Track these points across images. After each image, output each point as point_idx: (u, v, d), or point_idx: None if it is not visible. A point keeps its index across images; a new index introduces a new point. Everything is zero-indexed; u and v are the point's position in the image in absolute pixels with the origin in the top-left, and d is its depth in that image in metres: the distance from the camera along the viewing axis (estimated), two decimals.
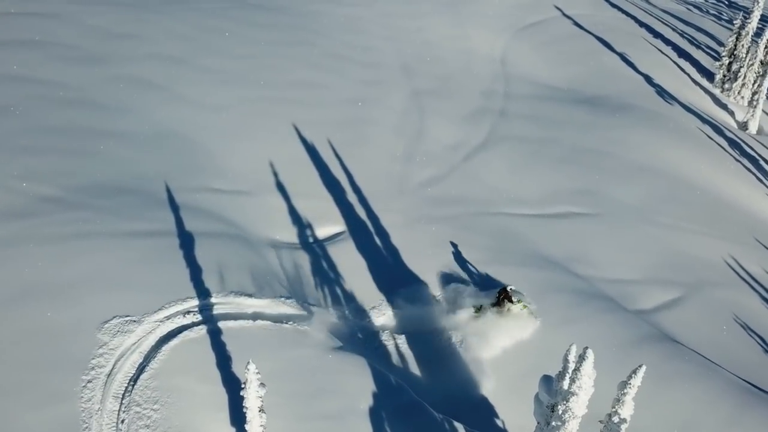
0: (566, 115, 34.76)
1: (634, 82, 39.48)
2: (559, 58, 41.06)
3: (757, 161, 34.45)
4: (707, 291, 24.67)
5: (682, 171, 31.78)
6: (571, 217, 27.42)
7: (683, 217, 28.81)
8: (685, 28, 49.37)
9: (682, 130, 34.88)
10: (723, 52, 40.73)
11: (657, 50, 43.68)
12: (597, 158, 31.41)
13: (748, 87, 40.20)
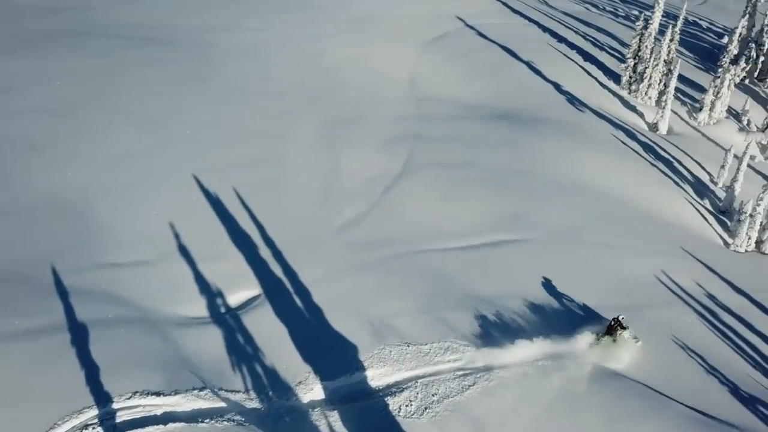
0: (482, 134, 33.80)
1: (545, 92, 39.01)
2: (468, 73, 40.20)
3: (672, 164, 34.37)
4: (645, 313, 23.87)
5: (603, 183, 31.23)
6: (501, 246, 26.26)
7: (611, 233, 28.12)
8: (587, 30, 49.60)
9: (597, 140, 34.50)
10: (627, 53, 40.79)
11: (563, 56, 43.49)
12: (519, 178, 30.49)
13: (654, 87, 40.38)
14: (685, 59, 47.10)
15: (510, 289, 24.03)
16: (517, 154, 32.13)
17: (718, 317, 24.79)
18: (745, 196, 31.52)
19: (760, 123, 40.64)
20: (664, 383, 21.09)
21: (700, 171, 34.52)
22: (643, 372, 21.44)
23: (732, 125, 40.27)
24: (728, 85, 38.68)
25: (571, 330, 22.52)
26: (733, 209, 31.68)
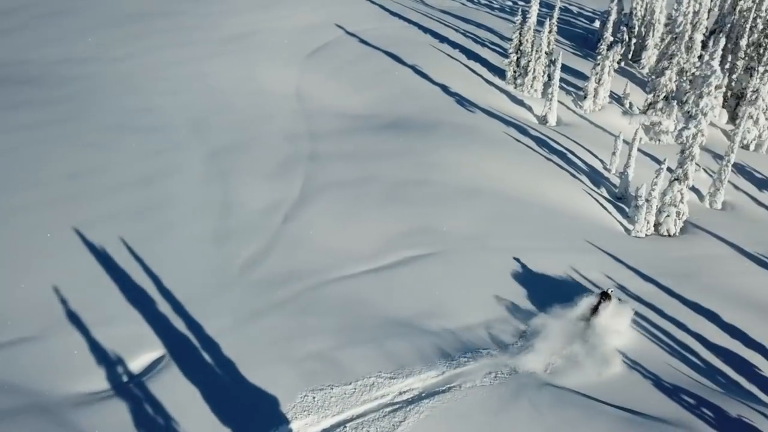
0: (378, 145, 32.98)
1: (434, 95, 38.68)
2: (355, 83, 39.30)
3: (566, 155, 34.81)
4: (563, 314, 23.78)
5: (504, 183, 31.14)
6: (412, 263, 25.42)
7: (518, 234, 27.97)
8: (467, 27, 49.83)
9: (492, 139, 34.45)
10: (509, 48, 41.06)
11: (447, 56, 43.36)
12: (421, 189, 29.83)
13: (539, 80, 40.91)
14: (563, 47, 48.14)
15: (427, 307, 23.28)
16: (416, 164, 31.49)
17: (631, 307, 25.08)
18: (638, 180, 32.33)
19: (641, 105, 41.99)
20: (590, 385, 21.02)
21: (593, 159, 35.17)
22: (565, 376, 21.30)
23: (616, 110, 41.46)
24: (608, 72, 39.66)
25: (492, 343, 22.11)
26: (629, 195, 32.37)
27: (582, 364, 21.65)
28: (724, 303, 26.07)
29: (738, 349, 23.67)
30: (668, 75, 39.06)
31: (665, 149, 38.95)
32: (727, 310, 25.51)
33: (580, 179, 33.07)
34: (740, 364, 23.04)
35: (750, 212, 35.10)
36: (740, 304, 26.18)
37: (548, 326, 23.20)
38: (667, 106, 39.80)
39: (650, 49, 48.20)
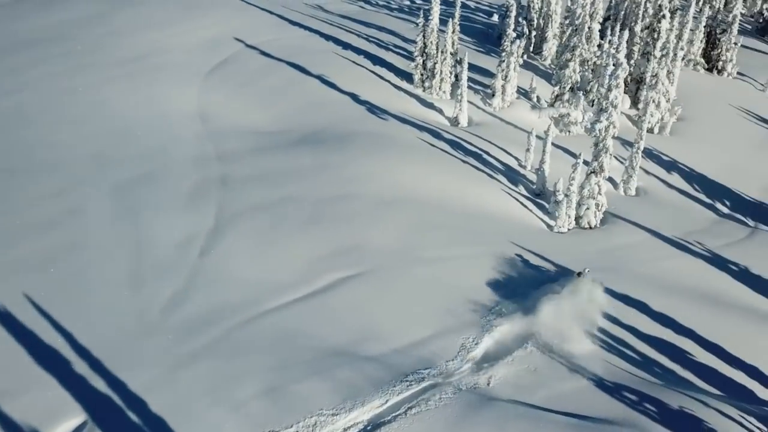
0: (292, 163, 31.84)
1: (344, 106, 37.83)
2: (261, 98, 37.96)
3: (481, 156, 34.66)
4: (496, 323, 23.46)
5: (425, 191, 30.65)
6: (341, 286, 24.49)
7: (444, 242, 27.51)
8: (368, 31, 49.19)
9: (407, 146, 33.91)
10: (415, 51, 40.61)
11: (352, 63, 42.58)
12: (341, 205, 28.93)
13: (447, 81, 40.69)
14: (466, 45, 48.20)
15: (364, 331, 22.50)
16: (334, 179, 30.57)
17: (563, 306, 24.99)
18: (554, 174, 32.48)
19: (548, 98, 42.48)
20: (535, 395, 20.75)
21: (508, 158, 35.18)
22: (509, 387, 20.99)
23: (525, 105, 41.74)
24: (514, 68, 39.86)
25: (434, 361, 21.55)
26: (548, 190, 32.51)
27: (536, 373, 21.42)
28: (651, 291, 26.42)
29: (670, 337, 23.96)
30: (572, 67, 39.64)
31: (576, 140, 39.51)
32: (655, 298, 25.85)
33: (497, 179, 32.97)
34: (673, 352, 23.32)
35: (663, 196, 36.05)
36: (666, 291, 26.59)
37: (490, 337, 23.03)
38: (574, 97, 40.42)
39: (550, 41, 48.97)
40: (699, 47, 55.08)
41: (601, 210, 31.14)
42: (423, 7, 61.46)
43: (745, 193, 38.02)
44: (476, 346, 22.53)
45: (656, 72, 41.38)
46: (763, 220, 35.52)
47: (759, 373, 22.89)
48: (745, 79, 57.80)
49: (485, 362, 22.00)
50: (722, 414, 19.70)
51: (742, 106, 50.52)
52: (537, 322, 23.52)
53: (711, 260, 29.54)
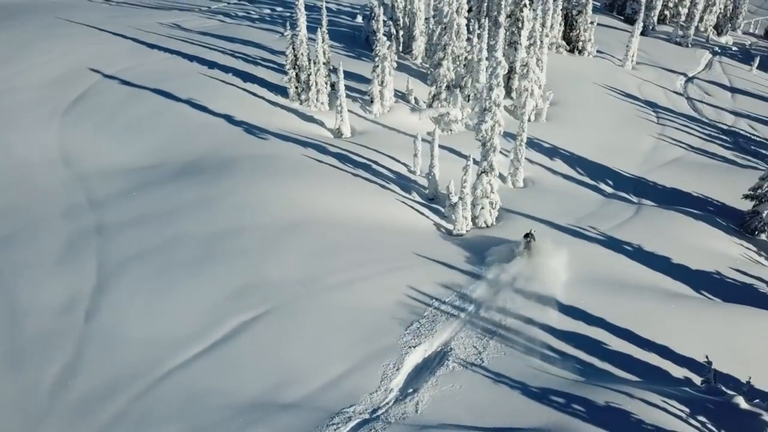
0: (175, 198, 29.69)
1: (220, 129, 35.84)
2: (129, 131, 35.31)
3: (370, 167, 33.85)
4: (414, 342, 22.75)
5: (320, 211, 29.42)
6: (247, 330, 22.87)
7: (350, 264, 26.41)
8: (233, 46, 47.17)
9: (294, 166, 32.50)
10: (286, 64, 39.14)
11: (222, 83, 40.52)
12: (236, 238, 27.21)
13: (323, 92, 39.54)
14: (335, 51, 47.17)
15: (279, 376, 21.22)
16: (223, 210, 28.77)
17: (478, 315, 24.68)
18: (444, 176, 32.18)
19: (426, 98, 42.26)
20: (464, 414, 20.21)
21: (396, 165, 34.58)
22: (438, 410, 20.35)
23: (404, 108, 41.32)
24: (389, 71, 39.29)
25: (357, 396, 20.56)
26: (441, 194, 32.17)
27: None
28: (555, 285, 26.60)
29: (582, 329, 24.13)
30: (445, 65, 39.57)
31: (459, 138, 39.58)
32: (562, 291, 26.04)
33: (390, 189, 32.26)
34: (588, 344, 23.48)
35: (549, 184, 36.64)
36: (571, 281, 26.83)
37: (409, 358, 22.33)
38: (451, 95, 40.41)
39: (419, 39, 48.89)
40: (559, 30, 56.93)
41: (496, 208, 31.14)
42: (284, 15, 60.25)
43: (624, 170, 39.45)
44: (397, 372, 21.75)
45: (526, 61, 42.09)
46: (644, 194, 36.93)
47: (670, 352, 23.44)
48: (604, 56, 60.50)
49: (410, 388, 21.25)
50: (647, 403, 19.85)
51: (606, 84, 52.74)
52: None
53: (606, 243, 30.19)
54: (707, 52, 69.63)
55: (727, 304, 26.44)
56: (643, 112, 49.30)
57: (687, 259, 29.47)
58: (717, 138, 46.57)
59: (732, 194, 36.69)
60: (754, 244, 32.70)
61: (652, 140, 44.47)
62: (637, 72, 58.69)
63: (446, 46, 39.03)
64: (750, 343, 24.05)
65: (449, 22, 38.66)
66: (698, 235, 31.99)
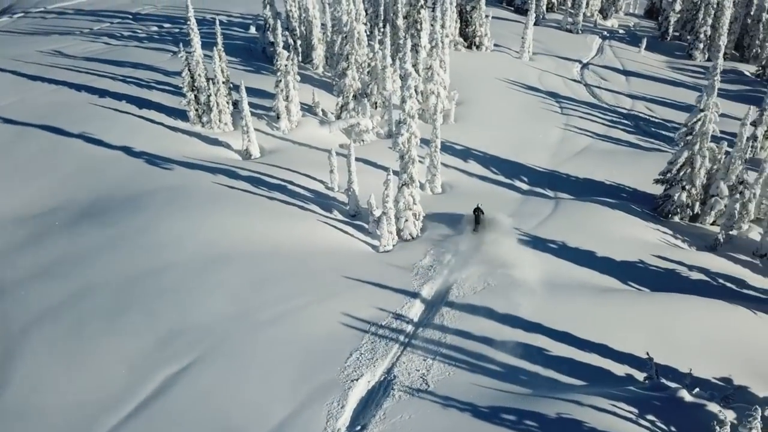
0: (78, 245, 27.54)
1: (121, 163, 33.61)
2: (19, 173, 32.74)
3: (285, 187, 32.51)
4: (355, 375, 21.82)
5: (242, 241, 27.96)
6: (179, 382, 21.18)
7: (280, 296, 25.15)
8: (123, 71, 44.66)
9: (206, 194, 30.75)
10: (183, 86, 37.18)
11: (116, 111, 38.13)
12: (156, 280, 25.39)
13: (225, 112, 37.85)
14: (233, 66, 45.35)
15: (219, 429, 19.78)
16: (134, 252, 26.86)
17: (418, 335, 23.99)
18: (363, 189, 31.31)
19: (333, 109, 41.23)
20: None
21: (313, 183, 33.43)
22: None
23: (313, 121, 40.18)
24: (293, 85, 38.02)
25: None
26: (362, 209, 31.31)
27: None
28: (490, 294, 26.29)
29: (522, 338, 23.86)
30: (350, 75, 38.66)
31: (373, 148, 38.82)
32: (496, 300, 25.72)
33: (310, 209, 31.08)
34: (530, 352, 23.22)
35: (467, 187, 36.42)
36: (504, 288, 26.57)
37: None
38: (359, 105, 39.58)
39: (318, 48, 47.79)
40: (455, 27, 57.04)
41: (420, 218, 30.57)
42: (173, 31, 57.75)
43: (536, 165, 39.75)
44: (342, 409, 20.77)
45: (429, 64, 41.75)
46: (560, 188, 37.27)
47: (609, 350, 23.50)
48: (501, 49, 61.23)
49: (357, 425, 20.33)
50: (596, 409, 19.76)
51: (508, 78, 53.26)
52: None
53: (532, 243, 30.19)
54: (597, 37, 71.81)
55: (654, 294, 26.85)
56: (546, 103, 50.05)
57: (611, 251, 29.83)
58: (619, 123, 47.83)
59: (641, 179, 37.63)
60: (669, 227, 33.50)
61: (559, 131, 45.15)
62: (535, 63, 59.68)
63: (349, 55, 38.12)
64: (681, 330, 24.45)
65: (349, 30, 37.75)
66: (617, 224, 32.49)
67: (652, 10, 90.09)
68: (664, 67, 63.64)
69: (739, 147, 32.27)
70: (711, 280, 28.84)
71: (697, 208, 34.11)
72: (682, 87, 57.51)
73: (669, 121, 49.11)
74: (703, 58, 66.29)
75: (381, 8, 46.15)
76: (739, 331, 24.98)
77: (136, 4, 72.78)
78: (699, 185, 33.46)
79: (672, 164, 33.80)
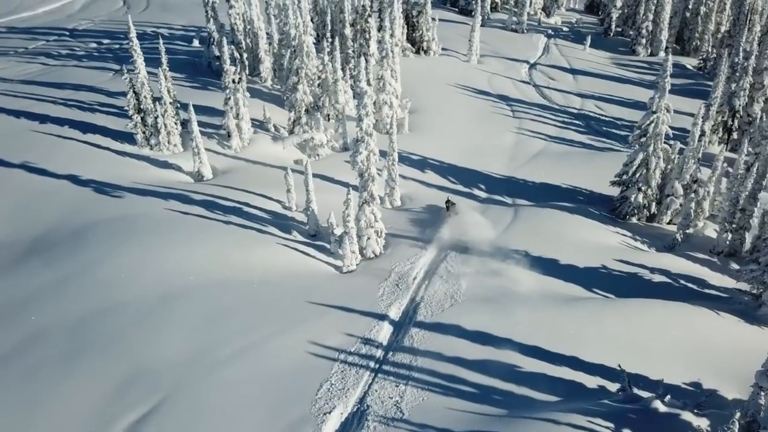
0: (25, 284, 26.25)
1: (66, 193, 32.12)
2: None
3: (240, 210, 31.61)
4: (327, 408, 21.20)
5: (201, 272, 26.98)
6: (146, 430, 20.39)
7: (243, 328, 24.34)
8: (64, 93, 42.93)
9: (160, 223, 29.63)
10: (128, 109, 35.91)
11: (59, 138, 36.55)
12: (110, 320, 24.30)
13: (174, 133, 36.70)
14: (178, 84, 44.04)
15: None
16: (86, 289, 25.70)
17: (388, 360, 23.49)
18: (323, 207, 30.66)
19: (285, 123, 40.40)
20: None
21: (270, 203, 32.59)
22: None
23: (265, 138, 39.30)
24: (243, 102, 37.08)
25: None
26: (322, 228, 30.66)
27: None
28: (458, 310, 25.99)
29: (493, 355, 23.61)
30: (301, 89, 37.90)
31: (329, 162, 38.15)
32: (463, 316, 25.43)
33: (269, 232, 30.23)
34: (502, 371, 22.93)
35: (426, 198, 36.04)
36: (471, 304, 26.30)
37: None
38: (312, 119, 38.86)
39: (265, 60, 46.81)
40: (402, 32, 56.65)
41: (382, 236, 30.09)
42: (113, 47, 55.99)
43: (493, 172, 39.67)
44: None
45: (381, 74, 41.27)
46: (517, 194, 37.22)
47: (579, 362, 23.41)
48: (449, 53, 61.15)
49: None
50: (573, 426, 19.57)
51: (458, 83, 53.15)
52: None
53: (495, 254, 29.95)
54: (542, 36, 72.45)
55: (620, 301, 26.93)
56: (497, 107, 50.12)
57: (573, 258, 29.87)
58: (571, 124, 48.20)
59: (597, 180, 37.89)
60: (628, 228, 33.77)
61: (513, 135, 45.23)
62: (483, 65, 59.80)
63: (299, 69, 37.34)
64: (649, 336, 24.53)
65: (298, 44, 36.96)
66: (577, 229, 32.58)
67: (592, 5, 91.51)
68: (610, 64, 64.50)
69: (692, 147, 32.68)
70: (673, 282, 29.10)
71: (654, 208, 34.45)
72: (629, 83, 58.38)
73: (619, 119, 49.71)
74: (646, 53, 67.40)
75: (328, 17, 45.35)
76: (704, 333, 25.22)
77: (72, 19, 70.43)
78: (654, 186, 33.79)
79: (627, 166, 34.05)
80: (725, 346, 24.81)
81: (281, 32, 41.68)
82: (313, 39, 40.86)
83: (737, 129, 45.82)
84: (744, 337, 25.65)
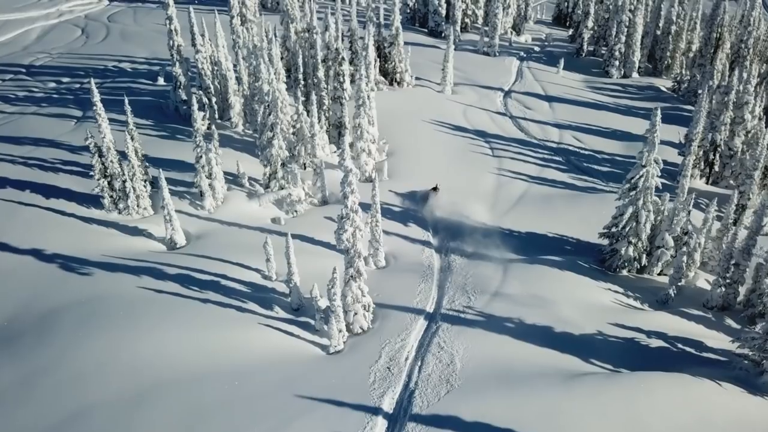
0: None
1: (26, 273, 29.85)
2: None
3: (216, 283, 29.85)
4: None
5: (178, 361, 25.20)
6: None
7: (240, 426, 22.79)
8: (22, 150, 40.77)
9: (133, 306, 27.62)
10: (94, 173, 34.00)
11: (18, 205, 34.46)
12: (77, 427, 22.47)
13: (144, 197, 34.86)
14: (144, 133, 42.09)
15: None
16: (48, 391, 23.71)
17: None
18: (305, 275, 29.12)
19: (259, 176, 38.71)
20: None
21: (249, 273, 30.92)
22: None
23: (240, 195, 37.64)
24: (216, 161, 35.36)
25: None
26: (306, 300, 29.16)
27: None
28: (454, 397, 24.68)
29: None
30: (276, 144, 36.31)
31: (308, 219, 36.61)
32: (462, 405, 24.12)
33: (249, 309, 28.53)
34: None
35: (411, 256, 34.82)
36: (467, 387, 25.06)
37: None
38: (288, 173, 37.26)
39: (235, 105, 45.07)
40: (375, 64, 55.23)
41: (370, 310, 28.70)
42: (73, 87, 53.64)
43: (477, 221, 38.44)
44: None
45: (359, 122, 39.85)
46: (503, 245, 35.96)
47: None
48: (422, 82, 59.86)
49: None
50: None
51: (434, 119, 51.82)
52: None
53: (485, 325, 28.79)
54: (515, 59, 71.68)
55: (620, 376, 25.86)
56: (476, 144, 49.00)
57: (568, 324, 28.85)
58: (551, 161, 47.28)
59: (582, 226, 37.06)
60: (619, 283, 32.90)
61: (494, 177, 44.17)
62: (457, 96, 58.69)
63: (274, 125, 35.71)
64: (653, 416, 23.49)
65: (272, 100, 35.28)
66: (569, 288, 31.60)
67: (559, 17, 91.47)
68: (584, 88, 63.93)
69: (681, 199, 31.93)
70: (670, 347, 28.22)
71: (644, 260, 33.61)
72: (605, 110, 57.76)
73: (599, 152, 49.00)
74: (619, 75, 67.04)
75: (300, 60, 43.70)
76: (707, 408, 24.29)
77: (29, 53, 67.74)
78: (644, 238, 32.95)
79: (617, 219, 33.16)
80: (730, 418, 24.00)
81: (254, 87, 39.92)
82: (284, 78, 39.31)
83: (718, 161, 45.33)
84: (747, 409, 24.84)
